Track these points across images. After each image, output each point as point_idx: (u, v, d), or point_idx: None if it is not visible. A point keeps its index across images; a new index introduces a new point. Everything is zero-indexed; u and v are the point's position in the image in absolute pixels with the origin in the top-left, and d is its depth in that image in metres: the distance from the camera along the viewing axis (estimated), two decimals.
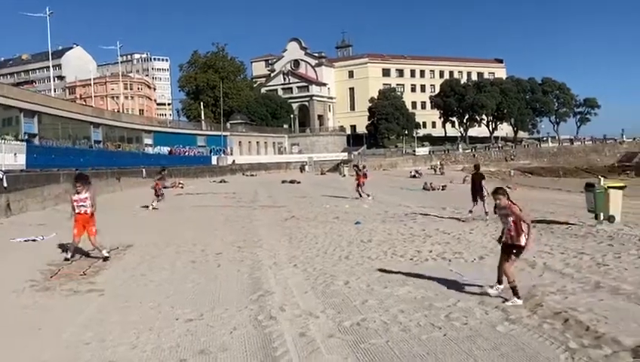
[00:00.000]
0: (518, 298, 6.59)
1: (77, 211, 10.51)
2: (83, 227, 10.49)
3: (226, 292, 7.81)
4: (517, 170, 68.15)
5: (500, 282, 7.00)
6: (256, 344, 5.53)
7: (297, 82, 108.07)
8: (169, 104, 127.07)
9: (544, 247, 10.83)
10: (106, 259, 10.49)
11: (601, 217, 13.47)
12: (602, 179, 14.50)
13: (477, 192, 16.40)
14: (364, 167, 54.94)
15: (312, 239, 12.72)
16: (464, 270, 8.83)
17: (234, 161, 68.39)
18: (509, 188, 35.53)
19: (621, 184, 14.66)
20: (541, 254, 10.06)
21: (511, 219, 6.72)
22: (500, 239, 7.19)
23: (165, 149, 61.91)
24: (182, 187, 37.64)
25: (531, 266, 8.99)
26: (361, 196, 24.17)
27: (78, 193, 10.58)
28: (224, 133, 75.75)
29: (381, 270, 8.95)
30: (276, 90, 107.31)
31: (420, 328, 5.83)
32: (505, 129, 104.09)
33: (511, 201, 6.87)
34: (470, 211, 16.21)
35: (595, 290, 7.22)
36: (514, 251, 6.75)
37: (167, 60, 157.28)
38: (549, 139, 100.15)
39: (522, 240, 6.67)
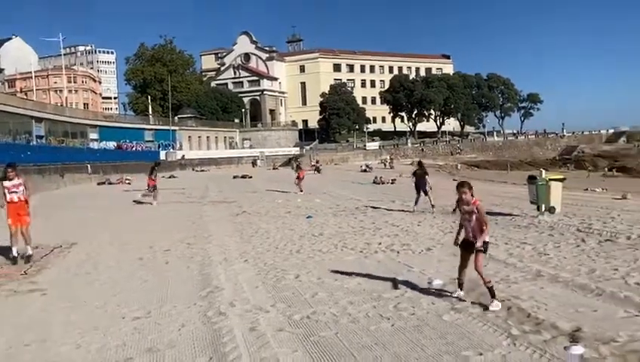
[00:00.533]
0: (494, 297, 6.15)
1: (9, 199, 9.84)
2: (17, 215, 9.87)
3: (174, 289, 7.69)
4: (464, 163, 69.83)
5: (460, 287, 6.59)
6: (205, 340, 5.47)
7: (248, 76, 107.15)
8: (115, 98, 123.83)
9: (489, 238, 11.13)
10: (28, 258, 9.82)
11: (543, 208, 13.98)
12: (544, 171, 15.04)
13: (421, 188, 16.77)
14: (317, 162, 55.51)
15: (263, 234, 12.67)
16: (412, 261, 8.99)
17: (183, 156, 67.29)
18: (455, 180, 36.59)
19: (561, 176, 15.28)
20: None
21: (475, 216, 6.27)
22: (456, 241, 6.73)
23: (112, 144, 60.33)
24: (129, 183, 36.79)
25: None
26: (299, 191, 24.41)
27: (10, 179, 9.87)
28: (173, 128, 74.43)
29: (332, 262, 9.02)
30: (226, 84, 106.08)
31: (369, 319, 5.91)
32: (452, 124, 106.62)
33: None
34: (432, 206, 16.52)
35: (537, 279, 7.50)
36: (481, 248, 6.29)
37: (112, 53, 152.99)
38: (495, 133, 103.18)
39: (485, 237, 6.31)
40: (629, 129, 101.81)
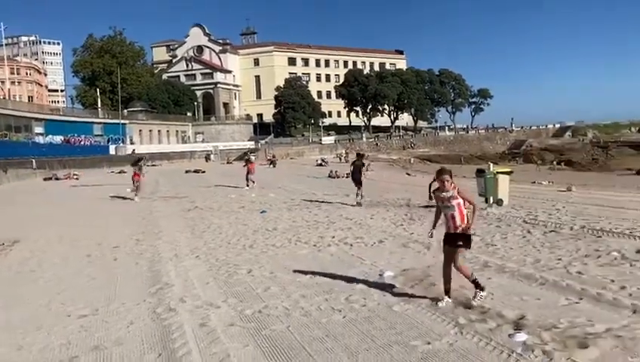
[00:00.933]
0: (482, 289, 5.90)
1: None
2: None
3: (123, 286, 7.52)
4: (417, 157, 70.94)
5: (447, 293, 6.01)
6: (154, 337, 5.38)
7: (201, 69, 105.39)
8: (62, 91, 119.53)
9: (440, 230, 11.37)
10: None
11: (491, 201, 14.37)
12: (492, 165, 15.46)
13: (358, 178, 17.14)
14: (273, 156, 55.20)
15: (215, 229, 12.54)
16: (364, 254, 9.08)
17: (134, 150, 65.50)
18: (408, 174, 36.99)
19: (508, 169, 15.72)
20: (436, 236, 10.55)
21: (456, 202, 5.80)
22: (431, 233, 6.49)
23: (58, 138, 58.37)
24: (77, 178, 35.72)
25: (427, 248, 9.41)
26: (251, 184, 24.29)
27: None
28: (123, 121, 72.56)
29: (285, 257, 9.02)
30: (179, 76, 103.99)
31: (321, 312, 5.93)
32: (405, 118, 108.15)
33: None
34: (361, 196, 16.90)
35: (484, 269, 7.70)
36: (460, 242, 5.84)
37: (59, 44, 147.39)
38: (447, 128, 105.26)
39: (467, 229, 5.81)
40: (574, 124, 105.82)
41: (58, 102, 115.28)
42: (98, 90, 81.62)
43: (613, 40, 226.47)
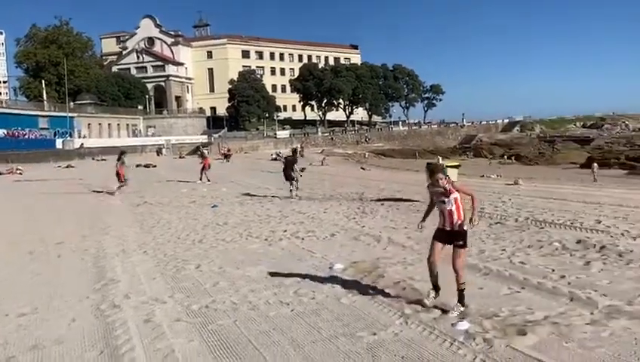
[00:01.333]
0: (463, 305, 5.41)
1: None
2: None
3: (66, 283, 7.29)
4: (371, 152, 71.62)
5: (435, 288, 5.63)
6: (96, 334, 5.24)
7: (152, 61, 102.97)
8: (5, 82, 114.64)
9: (390, 223, 11.56)
10: None
11: None
12: (440, 158, 15.76)
13: (285, 173, 17.26)
14: (228, 150, 54.55)
15: (165, 224, 12.32)
16: (315, 247, 9.11)
17: (82, 144, 63.69)
18: (363, 169, 37.40)
19: (456, 163, 16.06)
20: (387, 229, 10.73)
21: (453, 197, 5.42)
22: (421, 224, 6.08)
23: (1, 132, 56.01)
24: (20, 173, 34.39)
25: (377, 241, 9.53)
26: (206, 180, 23.76)
27: None
28: (70, 115, 70.27)
29: (235, 251, 8.95)
30: (129, 69, 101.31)
31: (269, 306, 5.92)
32: (360, 113, 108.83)
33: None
34: (296, 188, 17.07)
35: None
36: (459, 241, 5.44)
37: (1, 34, 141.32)
38: (400, 123, 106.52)
39: (465, 224, 5.42)
40: (522, 119, 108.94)
41: (0, 94, 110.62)
42: (43, 81, 78.63)
43: (561, 39, 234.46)
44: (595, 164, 37.81)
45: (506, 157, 60.07)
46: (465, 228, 5.41)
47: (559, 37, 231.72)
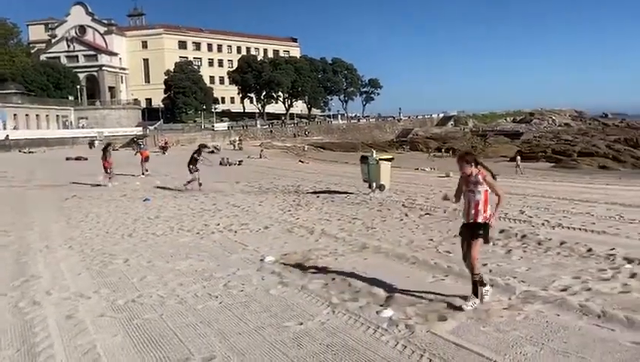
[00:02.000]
0: (477, 296, 5.31)
1: None
2: None
3: None
4: (311, 145, 71.86)
5: (475, 293, 5.35)
6: (13, 332, 5.03)
7: (84, 50, 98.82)
8: None
9: (324, 215, 11.68)
10: None
11: (374, 186, 14.93)
12: (375, 152, 16.03)
13: (192, 166, 17.42)
14: (165, 142, 53.29)
15: (93, 218, 11.95)
16: (248, 240, 9.09)
17: (7, 136, 60.51)
18: (301, 161, 37.40)
19: (390, 156, 16.38)
20: (321, 221, 10.83)
21: (482, 189, 5.29)
22: (447, 197, 5.97)
23: None
24: None
25: (310, 232, 9.60)
26: (144, 173, 23.34)
27: None
28: None
29: (165, 245, 8.80)
30: (59, 57, 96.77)
31: (197, 299, 5.87)
32: (300, 106, 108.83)
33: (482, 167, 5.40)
34: (188, 182, 17.11)
35: (362, 251, 8.01)
36: (480, 232, 5.34)
37: None
38: (339, 116, 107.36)
39: (489, 216, 5.33)
40: (456, 113, 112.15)
41: None
42: None
43: (494, 38, 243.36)
44: (519, 157, 39.43)
45: (443, 150, 61.69)
46: (491, 222, 5.35)
47: (491, 37, 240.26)
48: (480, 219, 5.29)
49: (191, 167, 17.22)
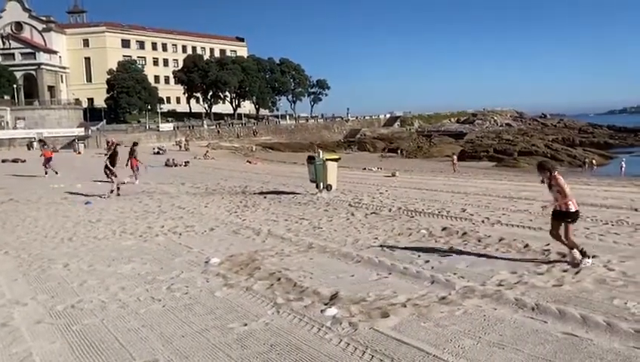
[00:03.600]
0: (587, 257, 6.64)
1: None
2: None
3: None
4: (259, 145, 71.49)
5: (574, 248, 6.80)
6: None
7: (21, 48, 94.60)
8: None
9: (271, 216, 11.66)
10: None
11: (321, 186, 15.03)
12: (321, 152, 16.14)
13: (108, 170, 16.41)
14: (113, 143, 51.97)
15: (31, 222, 11.51)
16: (192, 242, 8.99)
17: None
18: (249, 162, 37.16)
19: (336, 156, 16.55)
20: (267, 222, 10.82)
21: (556, 189, 6.77)
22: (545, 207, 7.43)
23: None
24: None
25: (256, 233, 9.59)
26: (53, 173, 22.86)
27: None
28: None
29: (107, 249, 8.59)
30: None
31: (140, 303, 5.77)
32: (248, 106, 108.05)
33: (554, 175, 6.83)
34: (111, 191, 16.19)
35: (308, 251, 8.06)
36: (567, 219, 6.78)
37: None
38: (287, 116, 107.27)
39: (571, 207, 6.74)
40: (402, 114, 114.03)
41: None
42: None
43: (440, 40, 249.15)
44: (455, 156, 40.23)
45: (386, 150, 62.66)
46: (570, 209, 6.77)
47: (437, 40, 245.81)
48: (564, 209, 6.77)
49: (107, 171, 16.22)
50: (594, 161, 46.43)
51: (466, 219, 10.31)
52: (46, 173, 22.93)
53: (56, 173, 22.87)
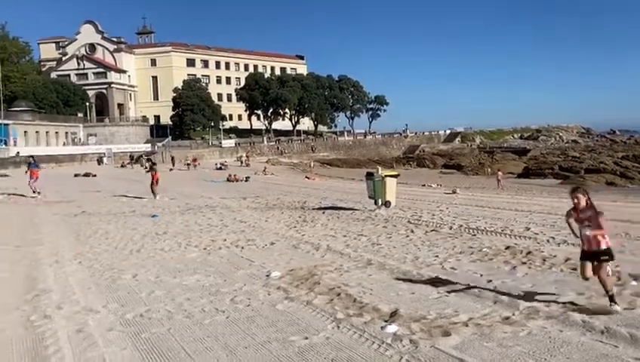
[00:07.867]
0: (615, 303, 5.54)
1: None
2: None
3: None
4: (317, 161, 72.08)
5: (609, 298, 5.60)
6: (25, 345, 5.13)
7: (94, 68, 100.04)
8: None
9: (330, 231, 11.75)
10: None
11: (380, 202, 15.00)
12: (380, 168, 16.14)
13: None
14: (194, 159, 54.15)
15: (102, 234, 12.08)
16: (254, 255, 9.18)
17: (18, 152, 61.10)
18: (307, 178, 37.54)
19: (395, 173, 16.49)
20: (326, 237, 10.90)
21: (594, 221, 5.49)
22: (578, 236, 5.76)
23: None
24: None
25: (316, 248, 9.68)
26: (34, 193, 21.56)
27: None
28: (5, 122, 67.36)
29: (173, 261, 8.91)
30: (69, 75, 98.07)
31: (204, 313, 5.95)
32: (307, 123, 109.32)
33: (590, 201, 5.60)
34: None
35: (367, 267, 8.07)
36: (602, 257, 5.54)
37: None
38: (346, 133, 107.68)
39: (604, 243, 5.52)
40: (463, 130, 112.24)
41: None
42: None
43: (504, 57, 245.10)
44: (500, 173, 37.25)
45: (444, 166, 61.69)
46: (603, 246, 5.55)
47: (498, 57, 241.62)
48: (599, 248, 5.53)
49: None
50: None
51: (530, 238, 10.03)
52: (34, 192, 21.48)
53: (39, 193, 21.56)
